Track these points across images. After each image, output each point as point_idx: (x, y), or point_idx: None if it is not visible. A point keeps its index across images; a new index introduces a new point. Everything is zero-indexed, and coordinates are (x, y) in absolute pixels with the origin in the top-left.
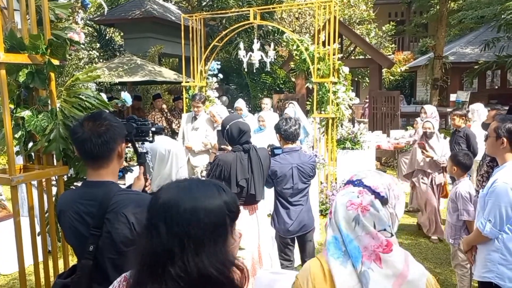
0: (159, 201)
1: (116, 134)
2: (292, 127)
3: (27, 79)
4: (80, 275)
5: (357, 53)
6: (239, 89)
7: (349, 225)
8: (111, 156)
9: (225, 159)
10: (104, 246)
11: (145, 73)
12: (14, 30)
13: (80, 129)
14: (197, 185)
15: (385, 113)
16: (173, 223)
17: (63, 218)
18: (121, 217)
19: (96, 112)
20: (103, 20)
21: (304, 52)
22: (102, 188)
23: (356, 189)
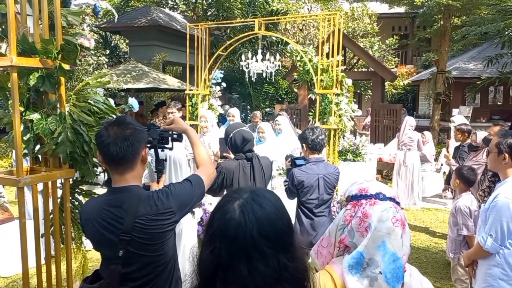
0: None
1: (140, 138)
2: (319, 136)
3: (37, 83)
4: (110, 280)
5: (360, 65)
6: (241, 98)
7: (397, 242)
8: (135, 159)
9: (228, 166)
10: (134, 250)
11: (149, 80)
12: (27, 34)
13: (106, 133)
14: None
15: (387, 126)
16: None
17: (89, 226)
18: (151, 220)
19: (120, 117)
20: (110, 27)
21: (308, 63)
22: (129, 193)
23: (390, 204)
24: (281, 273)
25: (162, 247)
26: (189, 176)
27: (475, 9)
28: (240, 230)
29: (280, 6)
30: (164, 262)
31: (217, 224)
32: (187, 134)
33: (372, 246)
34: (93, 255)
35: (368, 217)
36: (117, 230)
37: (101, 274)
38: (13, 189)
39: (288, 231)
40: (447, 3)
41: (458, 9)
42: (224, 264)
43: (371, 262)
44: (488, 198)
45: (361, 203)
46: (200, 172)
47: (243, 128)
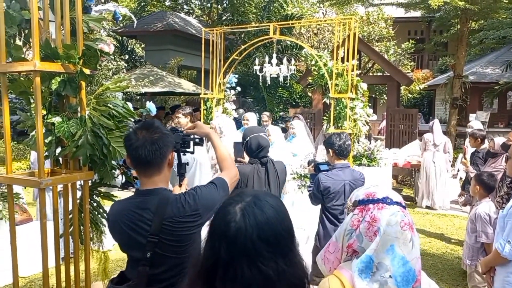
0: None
1: (168, 142)
2: (346, 142)
3: (59, 87)
4: (138, 282)
5: (375, 69)
6: (255, 102)
7: (407, 246)
8: (163, 163)
9: (242, 170)
10: (162, 252)
11: (165, 84)
12: (49, 40)
13: (134, 136)
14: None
15: (403, 131)
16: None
17: (118, 228)
18: (179, 223)
19: (148, 121)
20: (126, 32)
21: (323, 67)
22: (157, 195)
23: (398, 208)
24: (279, 277)
25: (189, 248)
26: (213, 179)
27: (493, 13)
28: (240, 233)
29: (295, 11)
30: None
31: (218, 224)
32: (209, 138)
33: (381, 250)
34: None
35: (376, 221)
36: (145, 232)
37: (127, 275)
38: (30, 190)
39: (287, 236)
40: (464, 7)
41: (475, 13)
42: (223, 263)
43: (381, 266)
44: (506, 204)
45: (369, 207)
46: (224, 175)
47: (260, 134)
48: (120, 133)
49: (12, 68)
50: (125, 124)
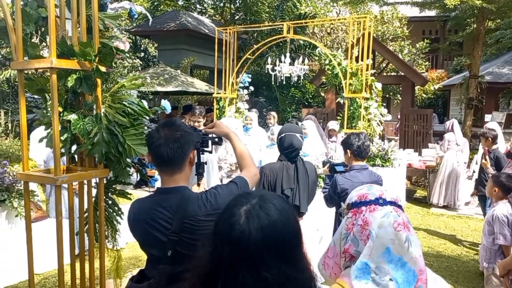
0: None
1: (189, 140)
2: (365, 142)
3: (75, 84)
4: (159, 280)
5: (390, 69)
6: (268, 102)
7: (402, 247)
8: (184, 161)
9: (272, 167)
10: (183, 251)
11: (178, 84)
12: (65, 37)
13: (157, 134)
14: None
15: (417, 131)
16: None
17: (138, 226)
18: (200, 221)
19: (170, 120)
20: (139, 32)
21: (337, 66)
22: (178, 193)
23: (391, 208)
24: (284, 284)
25: None
26: (234, 178)
27: (511, 12)
28: (244, 236)
29: (308, 10)
30: None
31: (221, 226)
32: (228, 138)
33: (375, 254)
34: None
35: (368, 224)
36: (166, 230)
37: (147, 273)
38: (45, 189)
39: (293, 241)
40: (481, 6)
41: (492, 12)
42: (225, 266)
43: (379, 270)
44: None
45: (361, 210)
46: (244, 174)
47: (296, 134)
48: (135, 131)
49: (29, 65)
50: (140, 122)
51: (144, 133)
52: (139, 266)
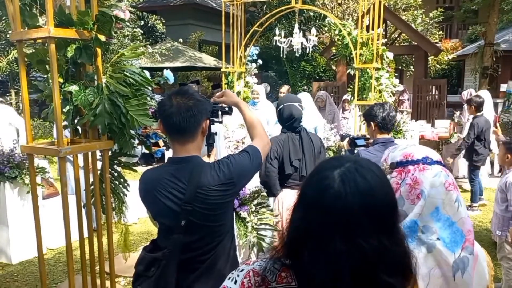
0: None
1: (202, 109)
2: (391, 113)
3: (75, 54)
4: (172, 250)
5: (402, 40)
6: (278, 76)
7: (452, 207)
8: (197, 130)
9: (276, 139)
10: (196, 220)
11: (185, 59)
12: (63, 7)
13: (169, 102)
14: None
15: (430, 102)
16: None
17: (151, 196)
18: (213, 191)
19: (182, 88)
20: (146, 7)
21: (347, 36)
22: (191, 163)
23: (440, 167)
24: (380, 256)
25: (223, 217)
26: (246, 148)
27: None
28: (339, 201)
29: None
30: (223, 232)
31: (311, 191)
32: (238, 107)
33: (425, 213)
34: (134, 229)
35: (419, 183)
36: (179, 200)
37: (159, 243)
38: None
39: (392, 210)
40: None
41: None
42: (315, 235)
43: (426, 229)
44: None
45: (409, 169)
46: (256, 143)
47: (294, 104)
48: (138, 102)
49: (27, 35)
50: (143, 92)
51: (147, 103)
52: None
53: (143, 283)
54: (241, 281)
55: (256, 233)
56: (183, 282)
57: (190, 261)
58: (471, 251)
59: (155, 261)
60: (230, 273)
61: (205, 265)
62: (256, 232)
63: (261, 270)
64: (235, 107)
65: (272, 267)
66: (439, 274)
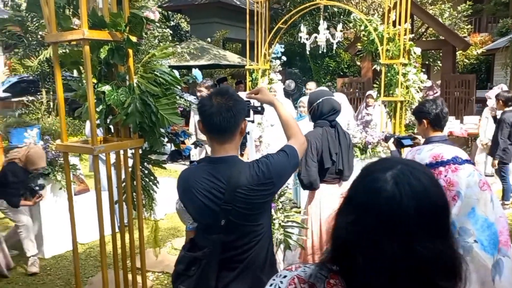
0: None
1: (241, 109)
2: (444, 109)
3: (108, 55)
4: (213, 249)
5: (429, 34)
6: (302, 72)
7: (487, 207)
8: (236, 130)
9: (314, 134)
10: (235, 220)
11: (210, 57)
12: (96, 9)
13: (209, 103)
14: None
15: (458, 98)
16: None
17: (190, 195)
18: (252, 191)
19: (222, 88)
20: (171, 6)
21: (373, 32)
22: (230, 163)
23: (471, 167)
24: (435, 260)
25: (261, 217)
26: (283, 147)
27: None
28: (394, 204)
29: None
30: (262, 231)
31: (363, 194)
32: (273, 105)
33: (462, 214)
34: (161, 225)
35: (454, 184)
36: (218, 199)
37: (198, 242)
38: (87, 164)
39: (446, 213)
40: None
41: None
42: (370, 238)
43: (463, 231)
44: None
45: (440, 171)
46: (293, 142)
47: (332, 97)
48: (167, 101)
49: (62, 37)
50: (172, 91)
51: (176, 102)
52: (178, 236)
53: (184, 282)
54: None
55: (283, 230)
56: (222, 280)
57: (229, 260)
58: (505, 252)
59: (195, 260)
60: (271, 279)
61: (243, 264)
62: (283, 230)
63: (306, 277)
64: (269, 105)
65: (318, 274)
66: (474, 279)
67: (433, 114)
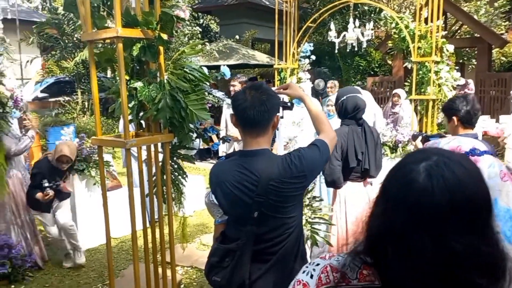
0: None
1: (275, 104)
2: (475, 106)
3: (140, 53)
4: (246, 241)
5: (463, 32)
6: (331, 72)
7: (509, 198)
8: (269, 124)
9: (340, 132)
10: (268, 212)
11: (239, 57)
12: (129, 8)
13: (243, 96)
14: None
15: (494, 97)
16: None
17: (223, 188)
18: (285, 183)
19: (256, 83)
20: (201, 8)
21: (404, 30)
22: (263, 156)
23: (491, 157)
24: (469, 256)
25: (293, 210)
26: (314, 141)
27: None
28: (426, 197)
29: None
30: (294, 224)
31: (395, 185)
32: (303, 100)
33: None
34: (189, 221)
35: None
36: (251, 192)
37: (229, 234)
38: (119, 162)
39: (484, 207)
40: None
41: None
42: (398, 232)
43: None
44: None
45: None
46: (323, 137)
47: (357, 94)
48: (196, 97)
49: (97, 35)
50: (201, 87)
51: (205, 98)
52: (206, 233)
53: (219, 273)
54: (318, 276)
55: (310, 226)
56: (255, 272)
57: (261, 252)
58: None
59: (229, 252)
60: (304, 266)
61: (276, 256)
62: (310, 226)
63: (339, 266)
64: (299, 100)
65: (351, 264)
66: None
67: (464, 111)
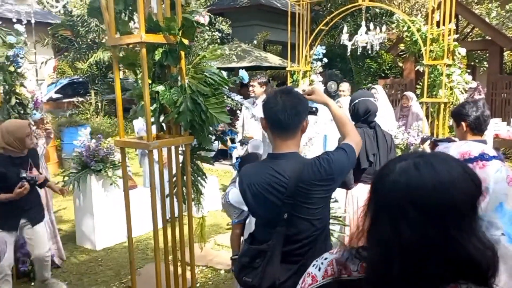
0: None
1: (305, 108)
2: (485, 112)
3: (161, 57)
4: (276, 242)
5: (475, 35)
6: (342, 74)
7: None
8: (298, 128)
9: None
10: (297, 214)
11: (252, 59)
12: (151, 14)
13: (274, 100)
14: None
15: (506, 100)
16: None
17: (252, 189)
18: (314, 186)
19: (287, 87)
20: (213, 10)
21: (416, 33)
22: (292, 158)
23: (499, 163)
24: (430, 249)
25: (322, 212)
26: (341, 145)
27: None
28: (392, 191)
29: None
30: (322, 226)
31: (374, 180)
32: (327, 105)
33: (490, 209)
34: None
35: (482, 181)
36: (280, 194)
37: (257, 236)
38: (134, 162)
39: (450, 209)
40: None
41: None
42: (372, 222)
43: (491, 225)
44: None
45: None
46: (349, 140)
47: (369, 98)
48: (216, 100)
49: (121, 41)
50: (220, 91)
51: (224, 101)
52: (220, 233)
53: (249, 274)
54: (324, 269)
55: None
56: (284, 274)
57: (290, 254)
58: None
59: (260, 253)
60: (315, 260)
61: (304, 258)
62: None
63: (343, 259)
64: (324, 105)
65: (354, 257)
66: (502, 270)
67: (473, 117)
